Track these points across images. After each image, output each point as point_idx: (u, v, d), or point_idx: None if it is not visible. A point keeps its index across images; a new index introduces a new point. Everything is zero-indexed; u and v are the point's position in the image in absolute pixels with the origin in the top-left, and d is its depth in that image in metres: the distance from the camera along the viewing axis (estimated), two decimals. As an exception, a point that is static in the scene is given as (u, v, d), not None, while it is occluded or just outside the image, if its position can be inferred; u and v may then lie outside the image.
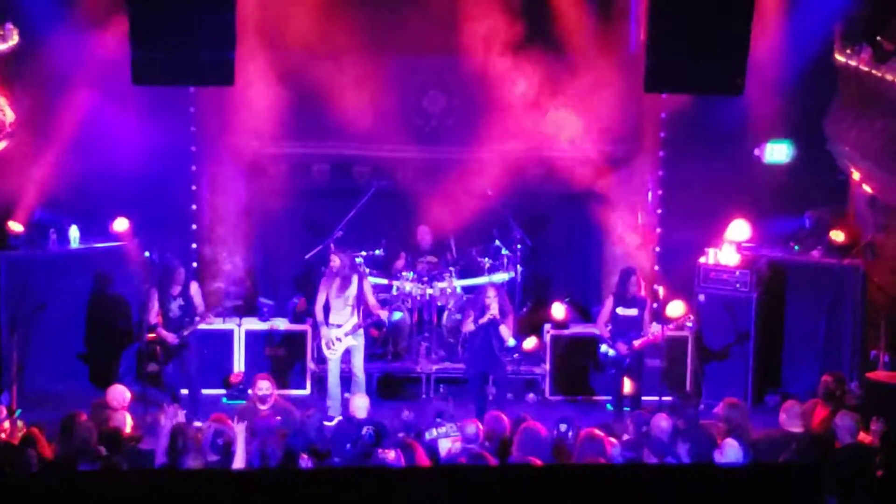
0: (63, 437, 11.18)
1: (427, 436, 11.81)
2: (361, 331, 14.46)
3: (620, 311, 14.22)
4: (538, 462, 10.40)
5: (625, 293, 14.24)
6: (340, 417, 13.92)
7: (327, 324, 14.34)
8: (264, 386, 12.63)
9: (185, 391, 14.10)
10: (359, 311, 14.41)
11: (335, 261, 14.44)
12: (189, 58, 12.29)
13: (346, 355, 14.51)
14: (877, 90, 14.54)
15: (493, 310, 13.90)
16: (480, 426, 11.56)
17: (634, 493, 6.40)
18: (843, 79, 15.25)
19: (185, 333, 13.99)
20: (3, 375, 14.39)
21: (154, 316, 14.07)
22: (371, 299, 14.55)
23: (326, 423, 13.40)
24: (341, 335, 14.35)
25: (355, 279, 14.43)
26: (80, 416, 11.62)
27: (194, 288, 14.22)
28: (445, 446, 11.66)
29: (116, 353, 15.38)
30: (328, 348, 14.36)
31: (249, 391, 13.24)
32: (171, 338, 13.94)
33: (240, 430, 10.80)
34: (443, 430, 11.88)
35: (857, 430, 11.18)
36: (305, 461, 10.91)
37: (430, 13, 15.06)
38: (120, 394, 12.44)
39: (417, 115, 16.17)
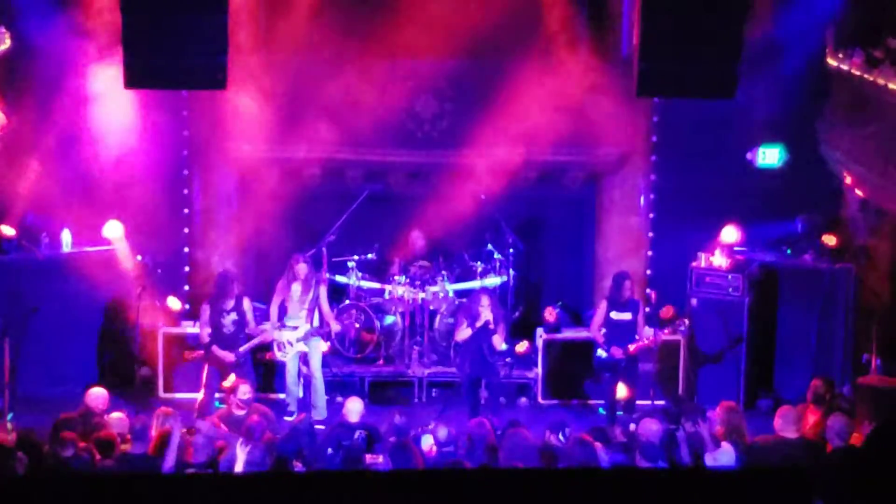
0: (54, 441, 11.17)
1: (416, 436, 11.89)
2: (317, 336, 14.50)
3: (614, 315, 14.22)
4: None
5: (618, 298, 14.25)
6: (296, 412, 14.04)
7: (282, 326, 14.34)
8: (247, 390, 12.64)
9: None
10: (313, 318, 14.46)
11: (303, 269, 14.41)
12: (181, 62, 12.30)
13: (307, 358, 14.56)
14: (869, 94, 14.56)
15: (487, 316, 13.93)
16: (452, 430, 11.58)
17: (623, 497, 6.40)
18: (836, 83, 15.27)
19: (242, 350, 13.92)
20: (-5, 379, 14.38)
21: (206, 334, 13.98)
22: (325, 307, 14.59)
23: (287, 418, 13.56)
24: (293, 339, 14.35)
25: (314, 285, 14.45)
26: (71, 420, 11.63)
27: (247, 303, 14.13)
28: (428, 443, 11.69)
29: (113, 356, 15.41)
30: (279, 350, 14.36)
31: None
32: (227, 356, 13.86)
33: (242, 450, 10.82)
34: (430, 427, 11.95)
35: (849, 433, 11.18)
36: (298, 467, 10.94)
37: (423, 17, 15.05)
38: (99, 396, 12.43)
39: (410, 119, 16.16)
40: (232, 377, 13.42)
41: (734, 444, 11.29)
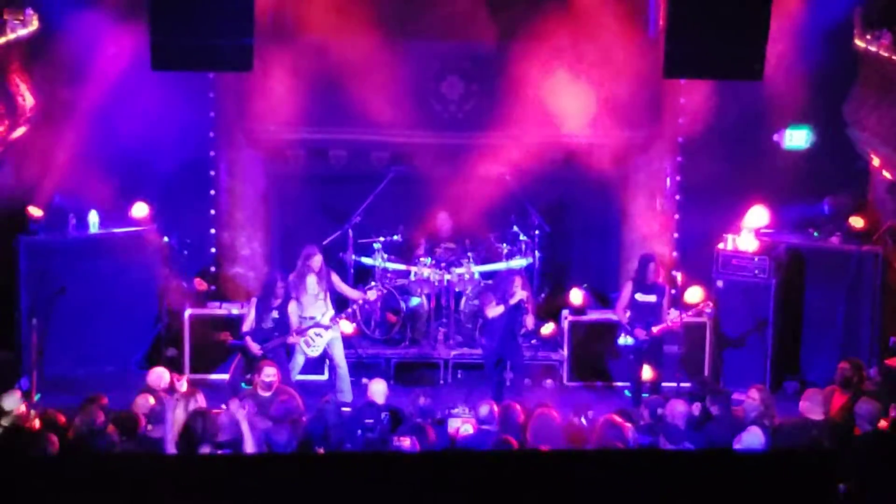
0: (83, 416, 11.23)
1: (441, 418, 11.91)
2: (339, 321, 14.50)
3: (639, 297, 14.22)
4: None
5: (644, 280, 14.25)
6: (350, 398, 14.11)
7: (302, 330, 14.26)
8: (271, 372, 12.61)
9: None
10: (333, 304, 14.48)
11: (318, 260, 14.43)
12: (208, 43, 12.31)
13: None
14: (897, 76, 14.50)
15: (522, 295, 13.96)
16: (495, 407, 11.62)
17: (651, 478, 6.39)
18: (863, 64, 15.19)
19: (269, 346, 13.95)
20: (22, 360, 14.46)
21: (248, 324, 14.06)
22: (345, 288, 14.74)
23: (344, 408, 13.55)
24: (321, 330, 14.33)
25: (326, 274, 14.48)
26: (99, 400, 11.70)
27: (292, 306, 14.12)
28: (455, 425, 11.71)
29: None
30: (308, 346, 14.33)
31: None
32: (255, 348, 13.89)
33: (241, 416, 10.83)
34: (456, 410, 11.95)
35: (878, 417, 11.15)
36: (323, 447, 10.98)
37: (449, -1, 15.08)
38: (158, 376, 12.49)
39: (436, 100, 16.16)
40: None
41: (762, 427, 11.28)
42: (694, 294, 14.84)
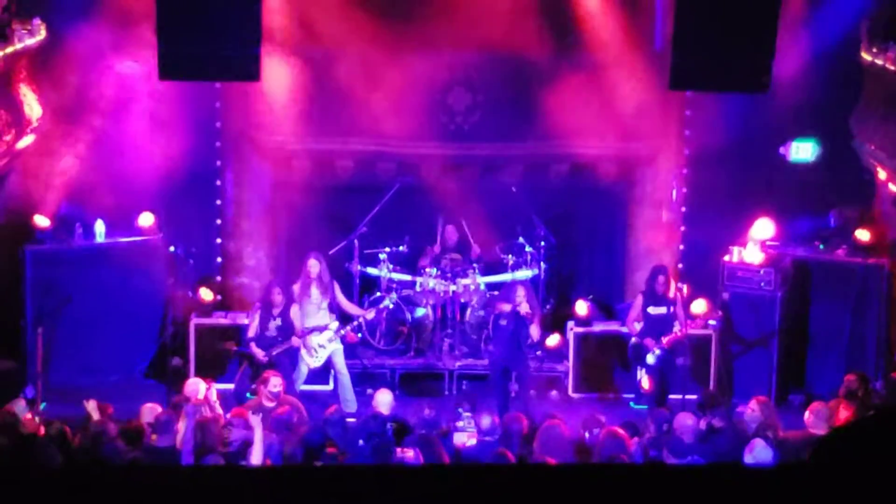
0: (84, 432, 11.25)
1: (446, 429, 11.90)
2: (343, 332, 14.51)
3: (651, 310, 14.24)
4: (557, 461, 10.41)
5: (653, 291, 14.26)
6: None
7: (305, 332, 14.31)
8: (277, 383, 12.61)
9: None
10: (336, 316, 14.52)
11: (314, 266, 14.46)
12: (215, 53, 12.34)
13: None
14: (903, 89, 14.49)
15: (526, 308, 13.97)
16: (497, 419, 11.62)
17: (655, 492, 6.38)
18: (870, 77, 15.20)
19: (274, 353, 13.98)
20: (28, 369, 14.46)
21: (252, 331, 14.13)
22: (345, 303, 14.75)
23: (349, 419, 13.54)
24: (324, 341, 14.35)
25: (330, 284, 14.54)
26: (106, 410, 11.71)
27: (294, 311, 14.19)
28: (461, 440, 11.69)
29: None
30: (310, 356, 14.36)
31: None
32: (260, 354, 13.94)
33: (256, 424, 10.83)
34: (461, 423, 11.92)
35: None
36: (326, 458, 10.96)
37: (456, 9, 15.05)
38: (195, 386, 12.47)
39: (442, 111, 16.15)
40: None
41: (767, 440, 11.25)
42: (699, 306, 14.84)
